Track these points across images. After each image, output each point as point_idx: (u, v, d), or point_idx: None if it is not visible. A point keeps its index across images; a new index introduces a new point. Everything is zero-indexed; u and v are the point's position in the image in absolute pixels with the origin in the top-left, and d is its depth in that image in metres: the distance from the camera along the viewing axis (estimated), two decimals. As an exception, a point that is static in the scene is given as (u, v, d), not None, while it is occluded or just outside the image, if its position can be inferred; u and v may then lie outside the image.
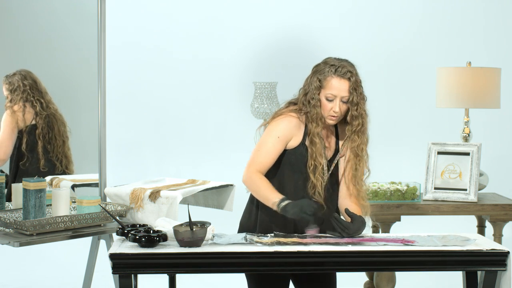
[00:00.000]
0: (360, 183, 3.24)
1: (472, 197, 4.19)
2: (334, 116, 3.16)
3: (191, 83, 6.19)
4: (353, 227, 3.06)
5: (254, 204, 3.27)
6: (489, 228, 4.47)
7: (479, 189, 4.33)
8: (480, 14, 6.07)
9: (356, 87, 3.15)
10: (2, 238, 3.20)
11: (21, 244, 3.15)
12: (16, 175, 3.82)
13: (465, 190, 4.22)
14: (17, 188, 3.61)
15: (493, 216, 4.14)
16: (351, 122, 3.19)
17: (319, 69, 3.19)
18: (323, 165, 3.18)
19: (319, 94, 3.16)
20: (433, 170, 4.30)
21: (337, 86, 3.13)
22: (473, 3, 6.08)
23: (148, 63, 6.16)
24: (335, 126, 3.29)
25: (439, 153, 4.32)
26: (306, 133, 3.19)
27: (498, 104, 4.42)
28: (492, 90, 4.35)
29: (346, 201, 3.24)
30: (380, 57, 6.04)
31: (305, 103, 3.19)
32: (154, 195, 3.57)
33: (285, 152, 3.20)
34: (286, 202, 3.03)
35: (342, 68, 3.15)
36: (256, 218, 3.25)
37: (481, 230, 4.47)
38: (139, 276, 3.09)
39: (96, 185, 3.86)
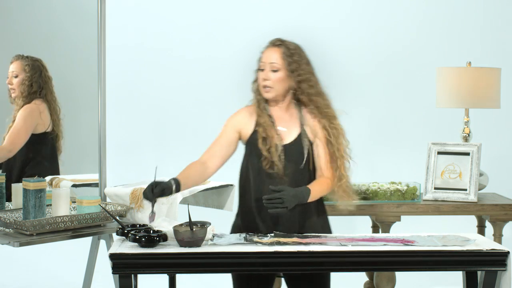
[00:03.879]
0: (327, 165, 3.23)
1: (472, 197, 4.19)
2: (266, 86, 3.19)
3: (191, 83, 6.20)
4: (279, 195, 3.00)
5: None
6: (489, 228, 4.47)
7: (479, 189, 4.33)
8: (480, 14, 6.07)
9: (290, 54, 3.18)
10: (2, 238, 3.20)
11: (21, 244, 3.15)
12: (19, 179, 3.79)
13: (465, 190, 4.22)
14: (17, 188, 3.61)
15: (493, 216, 4.14)
16: (298, 89, 3.20)
17: None
18: (273, 137, 3.16)
19: (258, 71, 3.24)
20: (433, 170, 4.30)
21: (266, 55, 3.20)
22: (473, 3, 6.08)
23: (148, 63, 6.16)
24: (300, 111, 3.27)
25: (439, 153, 4.32)
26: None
27: (498, 104, 4.42)
28: (492, 90, 4.35)
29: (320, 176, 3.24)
30: (380, 57, 6.04)
31: (253, 90, 3.28)
32: (154, 195, 3.56)
33: (247, 146, 3.24)
34: (154, 183, 3.03)
35: (274, 39, 3.24)
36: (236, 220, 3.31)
37: (481, 230, 4.47)
38: (139, 276, 3.09)
39: (96, 185, 3.85)
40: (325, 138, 3.23)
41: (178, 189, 3.06)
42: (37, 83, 3.79)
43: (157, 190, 2.99)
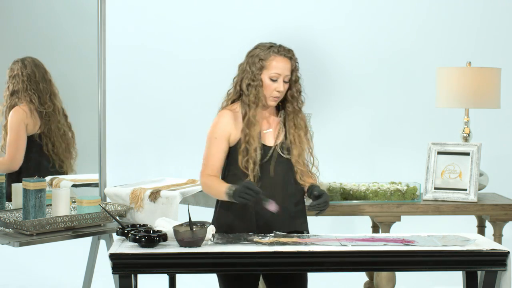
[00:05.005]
0: (304, 162, 3.29)
1: (472, 197, 4.19)
2: (276, 97, 3.21)
3: (191, 83, 6.19)
4: (324, 199, 3.15)
5: (217, 204, 3.32)
6: (489, 228, 4.47)
7: (479, 189, 4.33)
8: (480, 14, 6.07)
9: (295, 66, 3.24)
10: (2, 238, 3.20)
11: (21, 244, 3.15)
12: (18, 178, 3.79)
13: (465, 190, 4.22)
14: (17, 188, 3.61)
15: (493, 216, 4.14)
16: (293, 100, 3.24)
17: (257, 53, 3.23)
18: (255, 148, 3.17)
19: (260, 75, 3.19)
20: (433, 170, 4.30)
21: (281, 65, 3.19)
22: (473, 3, 6.08)
23: (149, 64, 6.16)
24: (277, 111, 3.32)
25: (439, 153, 4.32)
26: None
27: (498, 104, 4.42)
28: (492, 90, 4.35)
29: (307, 180, 3.28)
30: (381, 57, 6.04)
31: (244, 87, 3.23)
32: (154, 195, 3.57)
33: (234, 151, 3.22)
34: (234, 187, 3.07)
35: (284, 48, 3.24)
36: (215, 216, 3.29)
37: (481, 230, 4.48)
38: (139, 276, 3.09)
39: (96, 185, 3.86)
40: (305, 136, 3.30)
41: None
42: (12, 85, 3.79)
43: (253, 186, 3.03)
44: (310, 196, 3.25)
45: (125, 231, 3.05)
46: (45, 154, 3.85)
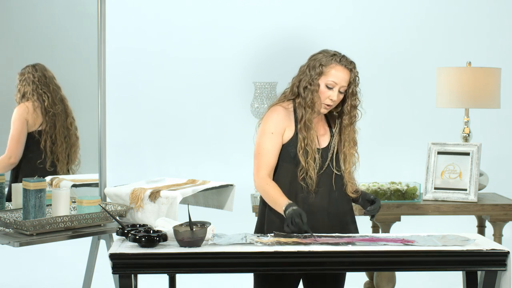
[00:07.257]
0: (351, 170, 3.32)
1: (472, 197, 4.19)
2: (329, 105, 3.20)
3: (191, 83, 6.20)
4: (378, 204, 3.28)
5: (262, 204, 3.29)
6: (489, 228, 4.47)
7: (479, 189, 4.33)
8: (480, 14, 6.07)
9: (355, 78, 3.22)
10: (2, 238, 3.20)
11: (21, 244, 3.15)
12: (17, 175, 3.81)
13: (465, 190, 4.22)
14: (17, 188, 3.61)
15: (493, 216, 4.14)
16: (349, 113, 3.23)
17: (319, 57, 3.22)
18: (314, 150, 3.18)
19: (318, 80, 3.18)
20: (433, 170, 4.30)
21: (340, 75, 3.18)
22: (473, 3, 6.09)
23: (149, 64, 6.16)
24: (326, 116, 3.32)
25: (439, 153, 4.32)
26: (296, 121, 3.21)
27: (498, 104, 4.42)
28: (492, 90, 4.36)
29: (354, 187, 3.29)
30: (381, 57, 6.05)
31: (301, 90, 3.20)
32: (154, 195, 3.57)
33: (286, 148, 3.21)
34: (292, 208, 3.05)
35: (346, 59, 3.22)
36: (264, 218, 3.27)
37: (481, 230, 4.48)
38: (139, 276, 3.09)
39: (96, 185, 3.85)
40: (356, 151, 3.30)
41: None
42: (23, 87, 3.84)
43: (304, 218, 3.03)
44: (359, 202, 3.30)
45: (125, 231, 3.05)
46: (41, 150, 3.86)
